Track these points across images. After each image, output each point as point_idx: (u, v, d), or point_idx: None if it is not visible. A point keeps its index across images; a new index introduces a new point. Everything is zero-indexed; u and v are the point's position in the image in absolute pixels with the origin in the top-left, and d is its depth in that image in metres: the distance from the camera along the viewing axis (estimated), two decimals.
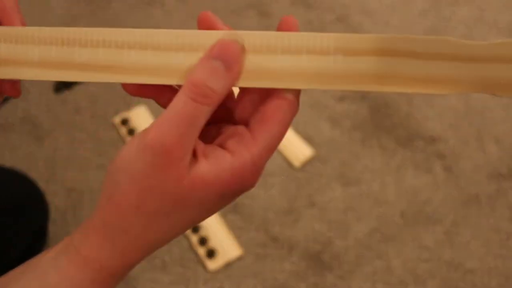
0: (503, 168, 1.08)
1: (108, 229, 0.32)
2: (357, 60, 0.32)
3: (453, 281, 0.97)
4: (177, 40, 0.33)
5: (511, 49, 0.31)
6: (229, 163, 0.31)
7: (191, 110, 0.30)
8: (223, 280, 0.96)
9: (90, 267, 0.32)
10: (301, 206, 1.04)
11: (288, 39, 0.32)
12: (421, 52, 0.31)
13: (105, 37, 0.34)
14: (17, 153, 1.10)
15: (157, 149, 0.30)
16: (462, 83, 0.31)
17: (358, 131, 1.13)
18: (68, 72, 0.34)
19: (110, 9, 1.31)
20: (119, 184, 0.31)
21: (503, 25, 1.31)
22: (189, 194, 0.31)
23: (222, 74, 0.31)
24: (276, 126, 0.32)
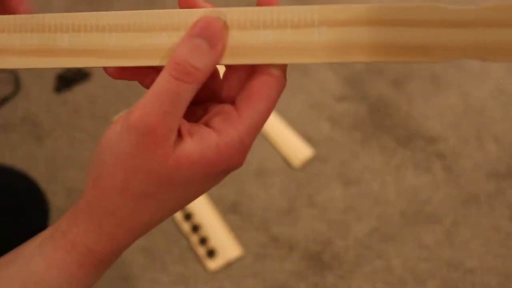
0: (503, 167, 1.09)
1: (94, 212, 0.31)
2: (342, 31, 0.31)
3: (453, 280, 0.97)
4: (159, 21, 0.32)
5: (500, 12, 0.30)
6: (215, 142, 0.30)
7: (174, 89, 0.29)
8: (223, 280, 0.97)
9: (77, 251, 0.32)
10: (301, 206, 1.04)
11: (270, 13, 0.31)
12: (408, 19, 0.30)
13: (86, 21, 0.33)
14: (17, 153, 1.10)
15: (141, 129, 0.29)
16: (451, 49, 0.31)
17: (358, 131, 1.13)
18: (50, 59, 0.33)
19: (110, 9, 1.32)
20: (104, 165, 0.31)
21: None
22: (175, 174, 0.30)
23: (205, 52, 0.30)
24: (262, 103, 0.31)
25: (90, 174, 0.32)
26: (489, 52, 0.30)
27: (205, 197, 1.04)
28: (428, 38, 0.30)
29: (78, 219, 0.32)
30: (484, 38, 0.30)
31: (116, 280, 0.97)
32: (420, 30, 0.30)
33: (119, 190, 0.31)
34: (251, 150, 0.33)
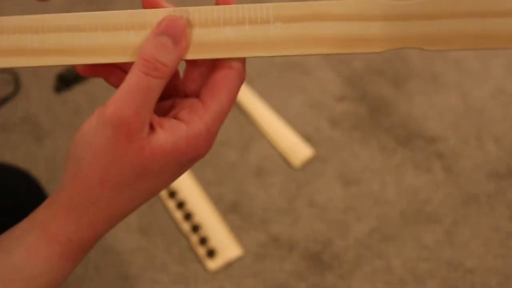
0: (503, 167, 1.09)
1: (74, 205, 0.33)
2: (294, 26, 0.34)
3: (453, 280, 0.97)
4: (126, 20, 0.34)
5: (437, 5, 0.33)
6: (184, 132, 0.33)
7: (144, 83, 0.32)
8: (223, 280, 0.97)
9: (57, 242, 0.33)
10: (301, 206, 1.04)
11: (229, 11, 0.34)
12: (352, 14, 0.34)
13: (55, 22, 0.35)
14: (17, 153, 1.10)
15: (116, 122, 0.31)
16: (391, 40, 0.34)
17: (358, 130, 1.13)
18: (20, 58, 0.35)
19: (110, 9, 1.31)
20: (82, 159, 0.32)
21: None
22: (150, 164, 0.32)
23: (170, 49, 0.33)
24: (225, 94, 0.34)
25: (67, 169, 0.34)
26: (428, 42, 0.34)
27: (205, 197, 1.04)
28: (371, 30, 0.34)
29: (57, 211, 0.33)
30: (423, 29, 0.34)
31: (116, 280, 0.97)
32: (364, 23, 0.34)
33: (98, 182, 0.32)
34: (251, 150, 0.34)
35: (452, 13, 0.33)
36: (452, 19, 0.33)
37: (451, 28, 0.33)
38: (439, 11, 0.33)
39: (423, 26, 0.34)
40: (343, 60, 1.24)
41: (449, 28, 0.33)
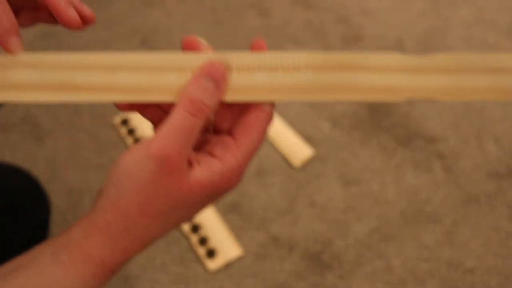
0: (503, 167, 1.09)
1: (111, 230, 0.35)
2: (323, 75, 0.37)
3: (453, 280, 0.97)
4: (167, 62, 0.37)
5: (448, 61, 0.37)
6: (219, 168, 0.36)
7: (189, 123, 0.34)
8: (223, 280, 0.97)
9: (92, 263, 0.35)
10: (301, 206, 1.04)
11: (264, 58, 0.37)
12: (375, 67, 0.37)
13: (101, 61, 0.37)
14: (17, 153, 1.10)
15: (161, 158, 0.34)
16: (411, 90, 0.37)
17: (358, 130, 1.13)
18: (65, 94, 0.37)
19: (110, 9, 1.32)
20: (124, 189, 0.35)
21: (502, 25, 1.31)
22: (188, 197, 0.35)
23: (213, 91, 0.36)
24: (256, 134, 0.37)
25: (107, 195, 0.35)
26: (441, 93, 0.37)
27: None
28: (391, 81, 0.37)
29: (95, 233, 0.35)
30: (437, 81, 0.37)
31: (116, 280, 0.97)
32: (385, 75, 0.37)
33: (137, 211, 0.35)
34: None
35: (462, 69, 0.37)
36: (462, 74, 0.37)
37: (461, 82, 0.37)
38: (451, 66, 0.37)
39: (437, 79, 0.37)
40: None
41: (459, 81, 0.37)
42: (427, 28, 1.30)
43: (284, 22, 1.31)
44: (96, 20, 0.42)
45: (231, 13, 1.32)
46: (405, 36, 1.28)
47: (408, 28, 1.29)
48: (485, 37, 1.29)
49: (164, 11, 1.32)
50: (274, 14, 1.32)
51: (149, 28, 1.29)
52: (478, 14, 1.32)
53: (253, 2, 1.34)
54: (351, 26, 1.30)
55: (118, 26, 1.29)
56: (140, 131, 1.10)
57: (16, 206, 0.81)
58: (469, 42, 1.28)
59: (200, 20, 1.31)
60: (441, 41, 1.28)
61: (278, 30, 1.30)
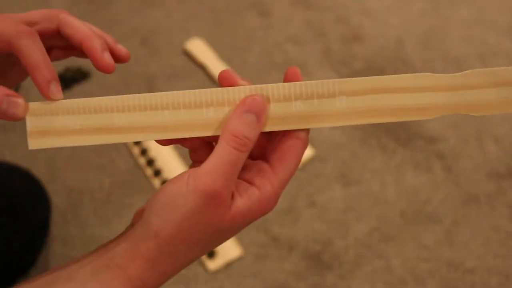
0: (503, 167, 1.09)
1: (154, 257, 0.36)
2: (357, 99, 0.39)
3: (452, 280, 0.97)
4: (205, 97, 0.38)
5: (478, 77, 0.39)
6: (257, 197, 0.37)
7: (235, 158, 0.36)
8: (223, 280, 0.97)
9: (132, 284, 0.36)
10: (301, 206, 1.04)
11: (299, 87, 0.38)
12: (407, 87, 0.39)
13: (140, 101, 0.38)
14: (17, 153, 1.10)
15: (209, 194, 0.35)
16: (442, 108, 0.39)
17: (358, 130, 1.13)
18: (110, 136, 0.38)
19: (110, 9, 1.32)
20: (169, 220, 0.36)
21: (503, 26, 1.31)
22: (229, 226, 0.37)
23: (255, 125, 0.37)
24: (292, 161, 0.38)
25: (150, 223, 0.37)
26: (473, 108, 0.39)
27: None
28: (424, 100, 0.39)
29: (137, 259, 0.36)
30: (468, 97, 0.39)
31: None
32: (417, 94, 0.39)
33: (181, 239, 0.36)
34: None
35: (490, 83, 0.39)
36: (490, 88, 0.39)
37: (491, 96, 0.39)
38: (479, 82, 0.39)
39: (467, 95, 0.39)
40: (343, 60, 1.24)
41: (489, 95, 0.39)
42: (427, 28, 1.30)
43: (284, 22, 1.31)
44: (96, 19, 0.42)
45: (231, 13, 1.32)
46: (405, 36, 1.28)
47: (408, 28, 1.29)
48: (485, 37, 1.29)
49: (164, 11, 1.32)
50: (274, 14, 1.32)
51: (149, 28, 1.29)
52: (478, 14, 1.32)
53: (253, 2, 1.34)
54: (351, 26, 1.30)
55: (118, 26, 1.29)
56: None
57: (16, 206, 0.81)
58: (469, 42, 1.28)
59: (200, 20, 1.31)
60: (441, 41, 1.28)
61: (278, 30, 1.30)
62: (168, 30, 1.29)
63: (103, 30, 0.46)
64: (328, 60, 1.24)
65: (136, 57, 1.23)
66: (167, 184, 0.37)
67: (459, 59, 1.24)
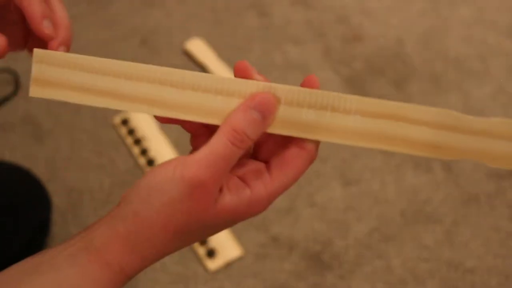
0: None
1: (132, 239, 0.35)
2: (372, 122, 0.36)
3: (453, 280, 0.97)
4: (216, 84, 0.37)
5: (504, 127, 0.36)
6: (247, 197, 0.36)
7: (228, 152, 0.34)
8: (223, 280, 0.97)
9: (110, 269, 0.35)
10: (301, 206, 1.04)
11: (315, 95, 0.36)
12: (427, 121, 0.36)
13: (150, 73, 0.37)
14: (17, 153, 1.10)
15: (195, 184, 0.34)
16: (460, 151, 0.36)
17: None
18: (112, 101, 0.38)
19: (110, 9, 1.32)
20: (150, 203, 0.35)
21: (503, 26, 1.31)
22: (212, 220, 0.36)
23: (259, 123, 0.36)
24: (292, 171, 0.37)
25: (131, 204, 0.36)
26: (490, 158, 0.36)
27: None
28: (443, 138, 0.36)
29: (115, 241, 0.35)
30: (487, 146, 0.36)
31: None
32: (436, 131, 0.36)
33: (161, 225, 0.35)
34: None
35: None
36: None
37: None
38: (505, 132, 0.36)
39: (489, 143, 0.36)
40: (343, 60, 1.24)
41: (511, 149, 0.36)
42: (427, 28, 1.30)
43: (284, 22, 1.31)
44: (96, 19, 0.42)
45: (231, 13, 1.32)
46: (405, 36, 1.28)
47: (408, 28, 1.29)
48: (485, 37, 1.29)
49: (164, 11, 1.32)
50: (274, 14, 1.32)
51: (149, 28, 1.29)
52: (478, 14, 1.32)
53: (253, 2, 1.34)
54: (351, 26, 1.30)
55: (118, 26, 1.29)
56: (140, 131, 1.10)
57: (16, 206, 0.81)
58: (469, 42, 1.28)
59: (200, 20, 1.31)
60: (441, 41, 1.28)
61: (278, 30, 1.30)
62: (168, 30, 1.29)
63: (103, 30, 0.46)
64: (328, 60, 1.24)
65: (136, 57, 1.23)
66: (155, 168, 0.36)
67: (459, 59, 1.24)
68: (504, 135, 0.36)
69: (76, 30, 0.44)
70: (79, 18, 1.28)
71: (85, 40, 1.24)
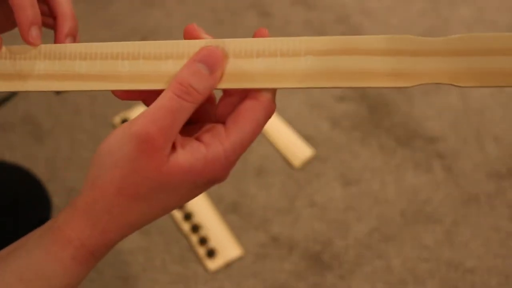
0: (502, 167, 1.09)
1: (90, 210, 0.34)
2: (324, 59, 0.35)
3: (452, 280, 0.97)
4: (165, 49, 0.36)
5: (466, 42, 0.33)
6: (203, 154, 0.34)
7: (174, 105, 0.33)
8: (223, 280, 0.97)
9: (72, 245, 0.34)
10: (301, 206, 1.04)
11: (263, 44, 0.36)
12: (382, 49, 0.34)
13: (102, 50, 0.37)
14: (17, 153, 1.10)
15: (142, 137, 0.33)
16: (422, 75, 0.34)
17: (357, 130, 1.13)
18: (69, 83, 0.37)
19: (110, 9, 1.32)
20: (103, 167, 0.34)
21: (502, 25, 1.31)
22: (166, 180, 0.34)
23: (205, 77, 0.35)
24: (248, 124, 0.35)
25: (88, 175, 0.35)
26: (457, 77, 0.34)
27: (205, 197, 1.04)
28: (403, 65, 0.34)
29: (74, 215, 0.35)
30: (452, 65, 0.34)
31: (116, 280, 0.97)
32: (395, 58, 0.34)
33: (115, 190, 0.34)
34: (251, 150, 0.34)
35: (484, 51, 0.33)
36: (483, 56, 0.33)
37: (483, 65, 0.33)
38: (471, 48, 0.33)
39: (454, 62, 0.34)
40: None
41: (480, 65, 0.33)
42: (427, 28, 1.30)
43: (284, 22, 1.31)
44: (96, 19, 0.42)
45: (231, 13, 1.32)
46: None
47: (408, 28, 1.29)
48: None
49: (164, 11, 1.32)
50: (274, 14, 1.32)
51: (149, 28, 1.29)
52: (478, 14, 1.32)
53: (253, 2, 1.34)
54: (351, 26, 1.30)
55: (118, 26, 1.29)
56: None
57: (17, 205, 0.81)
58: None
59: (200, 20, 1.31)
60: None
61: (278, 30, 1.30)
62: (168, 30, 1.29)
63: (103, 30, 0.46)
64: None
65: None
66: (109, 134, 0.35)
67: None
68: (468, 52, 0.33)
69: None
70: (79, 18, 1.27)
71: (85, 40, 1.24)
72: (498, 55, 0.33)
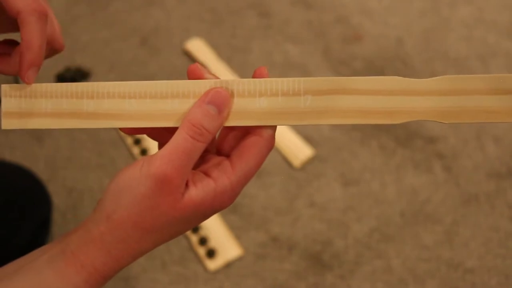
0: (502, 167, 1.09)
1: (106, 240, 0.37)
2: (323, 99, 0.38)
3: (452, 280, 0.97)
4: (172, 89, 0.39)
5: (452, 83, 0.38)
6: (212, 188, 0.37)
7: (189, 146, 0.36)
8: (223, 280, 0.97)
9: (85, 270, 0.37)
10: (301, 206, 1.04)
11: (265, 84, 0.39)
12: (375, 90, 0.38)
13: (109, 89, 0.39)
14: (17, 153, 1.10)
15: (160, 178, 0.36)
16: (410, 113, 0.38)
17: (357, 130, 1.13)
18: (77, 121, 0.39)
19: (110, 9, 1.32)
20: (121, 203, 0.37)
21: (502, 25, 1.31)
22: (181, 215, 0.37)
23: (215, 117, 0.37)
24: (253, 159, 0.38)
25: (104, 206, 0.37)
26: (444, 115, 0.38)
27: None
28: (391, 104, 0.38)
29: (89, 243, 0.37)
30: (439, 104, 0.38)
31: (116, 280, 0.97)
32: (384, 97, 0.38)
33: (132, 223, 0.37)
34: None
35: (462, 90, 0.37)
36: (462, 95, 0.37)
37: (463, 103, 0.37)
38: (452, 88, 0.38)
39: (437, 101, 0.38)
40: (343, 60, 1.24)
41: (461, 103, 0.37)
42: (427, 28, 1.30)
43: (284, 22, 1.31)
44: (95, 19, 0.42)
45: (231, 13, 1.32)
46: (405, 36, 1.28)
47: (408, 28, 1.29)
48: (485, 37, 1.29)
49: (164, 11, 1.32)
50: (274, 14, 1.32)
51: (149, 28, 1.29)
52: (478, 14, 1.32)
53: (253, 2, 1.34)
54: (351, 26, 1.30)
55: (117, 26, 1.29)
56: None
57: (18, 205, 0.81)
58: (469, 42, 1.28)
59: (200, 20, 1.31)
60: (441, 41, 1.28)
61: (278, 30, 1.30)
62: (168, 30, 1.29)
63: (103, 30, 0.47)
64: (328, 60, 1.24)
65: (136, 57, 1.23)
66: (123, 169, 0.37)
67: (459, 59, 1.24)
68: (453, 91, 0.37)
69: (76, 30, 0.45)
70: (79, 18, 1.28)
71: (85, 40, 1.24)
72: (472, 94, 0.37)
